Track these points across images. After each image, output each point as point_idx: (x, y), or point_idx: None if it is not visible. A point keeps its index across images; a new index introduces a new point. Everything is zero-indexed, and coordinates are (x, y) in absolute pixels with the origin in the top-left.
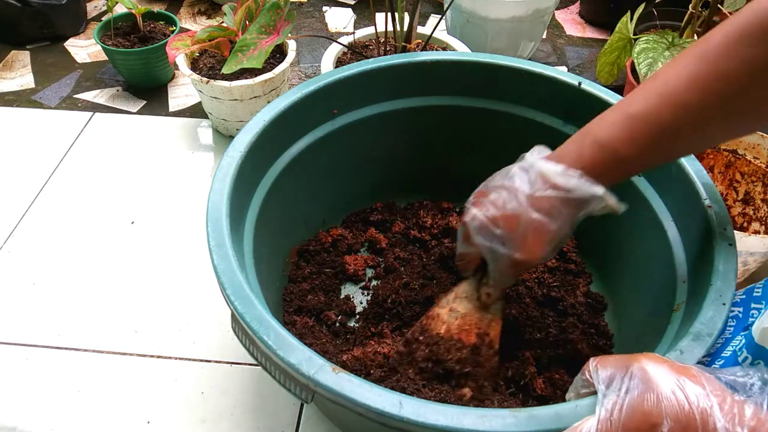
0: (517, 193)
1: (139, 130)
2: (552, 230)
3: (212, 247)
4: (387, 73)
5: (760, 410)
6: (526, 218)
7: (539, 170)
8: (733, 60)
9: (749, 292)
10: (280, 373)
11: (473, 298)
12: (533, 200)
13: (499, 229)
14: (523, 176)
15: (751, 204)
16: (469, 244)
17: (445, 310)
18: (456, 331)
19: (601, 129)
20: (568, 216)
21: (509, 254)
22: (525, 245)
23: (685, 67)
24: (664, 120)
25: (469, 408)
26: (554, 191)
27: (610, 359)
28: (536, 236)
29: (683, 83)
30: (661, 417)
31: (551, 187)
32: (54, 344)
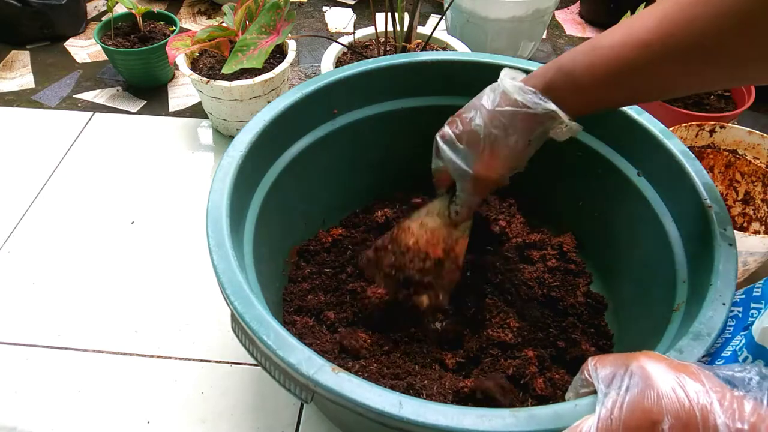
0: (481, 109)
1: (139, 130)
2: (508, 145)
3: (212, 247)
4: (387, 73)
5: (760, 405)
6: (484, 133)
7: (502, 88)
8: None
9: (749, 292)
10: (279, 373)
11: (444, 215)
12: (493, 115)
13: (462, 144)
14: (490, 95)
15: (751, 204)
16: (440, 159)
17: (416, 224)
18: (424, 244)
19: (567, 56)
20: (524, 131)
21: (469, 169)
22: (483, 160)
23: (657, 8)
24: (623, 54)
25: (469, 408)
26: (512, 107)
27: (609, 358)
28: (493, 151)
29: (650, 22)
30: (661, 414)
31: (510, 104)
32: (54, 344)
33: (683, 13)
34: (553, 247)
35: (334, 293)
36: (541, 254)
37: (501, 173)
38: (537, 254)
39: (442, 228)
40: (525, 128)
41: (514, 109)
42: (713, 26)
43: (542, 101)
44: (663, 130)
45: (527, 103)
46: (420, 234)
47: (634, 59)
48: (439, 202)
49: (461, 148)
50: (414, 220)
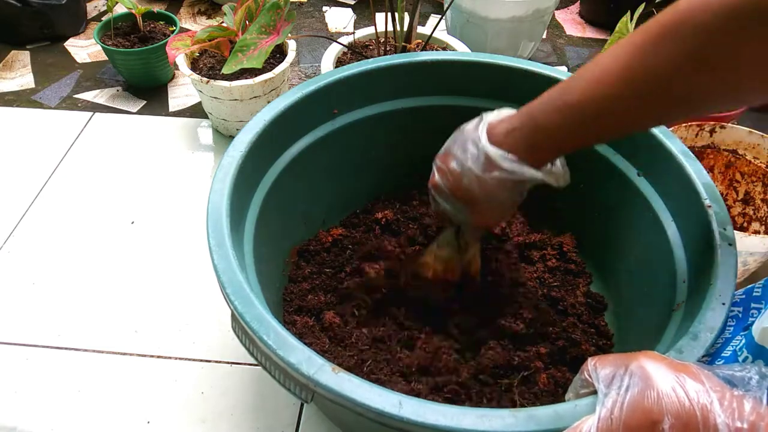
0: (469, 172)
1: (139, 130)
2: (501, 202)
3: (212, 246)
4: (387, 73)
5: (759, 404)
6: (476, 195)
7: (485, 152)
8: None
9: (749, 292)
10: (279, 373)
11: (454, 244)
12: (481, 180)
13: (456, 198)
14: (474, 153)
15: (751, 204)
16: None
17: (431, 257)
18: (442, 272)
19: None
20: (513, 191)
21: (467, 219)
22: (478, 214)
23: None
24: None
25: (468, 408)
26: (499, 173)
27: (609, 358)
28: (487, 208)
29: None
30: (661, 414)
31: (496, 170)
32: (54, 344)
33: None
34: (553, 247)
35: (334, 293)
36: (541, 254)
37: (498, 222)
38: (537, 254)
39: (455, 255)
40: (514, 189)
41: (501, 174)
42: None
43: (528, 169)
44: (663, 130)
45: (513, 170)
46: (436, 266)
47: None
48: (447, 233)
49: (455, 202)
50: (428, 255)
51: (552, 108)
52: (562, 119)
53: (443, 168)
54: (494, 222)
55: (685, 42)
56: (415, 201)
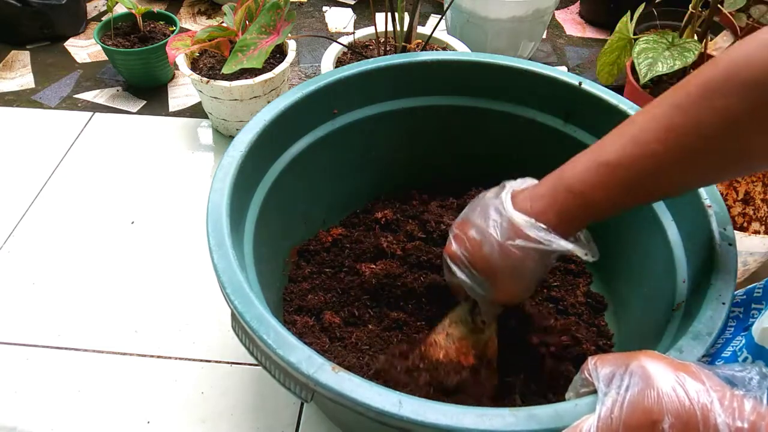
0: (491, 239)
1: (139, 130)
2: (524, 276)
3: (212, 246)
4: (387, 73)
5: (760, 404)
6: (498, 265)
7: (510, 219)
8: (708, 111)
9: (749, 293)
10: (279, 372)
11: (468, 321)
12: (504, 249)
13: (475, 270)
14: (497, 220)
15: (751, 204)
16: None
17: (442, 336)
18: (454, 354)
19: (575, 176)
20: (539, 262)
21: (488, 295)
22: (500, 289)
23: (661, 116)
24: (637, 168)
25: (468, 407)
26: (524, 242)
27: (610, 357)
28: (509, 281)
29: (657, 133)
30: (662, 413)
31: (521, 238)
32: (54, 344)
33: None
34: None
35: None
36: None
37: (521, 297)
38: None
39: (469, 335)
40: (540, 261)
41: (527, 243)
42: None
43: (556, 239)
44: None
45: (541, 240)
46: (448, 346)
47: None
48: (460, 309)
49: (475, 274)
50: (439, 333)
51: (586, 169)
52: (598, 180)
53: (461, 236)
54: (516, 298)
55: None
56: (415, 201)
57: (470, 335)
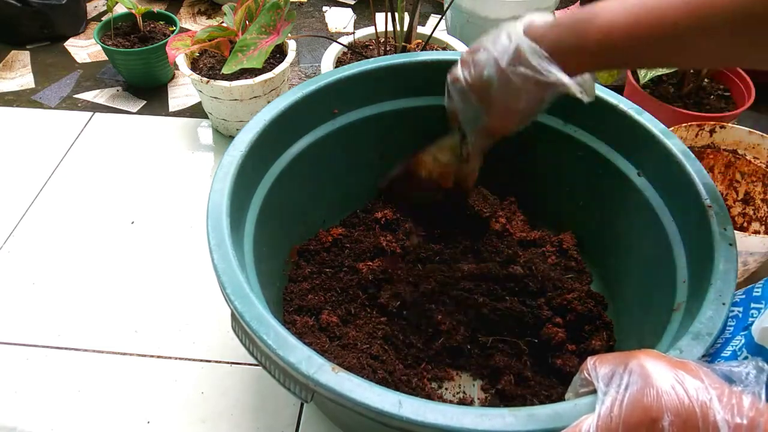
0: (495, 62)
1: (139, 130)
2: (519, 105)
3: (212, 246)
4: (387, 73)
5: (758, 400)
6: (495, 90)
7: (518, 45)
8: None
9: (749, 292)
10: (279, 373)
11: (456, 150)
12: (505, 75)
13: (473, 94)
14: (505, 44)
15: (751, 204)
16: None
17: (429, 157)
18: (436, 176)
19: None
20: (535, 94)
21: (479, 122)
22: (493, 115)
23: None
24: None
25: (468, 407)
26: (525, 69)
27: (609, 357)
28: (503, 109)
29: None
30: (661, 411)
31: (523, 65)
32: (54, 344)
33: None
34: (553, 244)
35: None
36: (541, 251)
37: (511, 128)
38: (537, 251)
39: (453, 162)
40: (537, 92)
41: (527, 72)
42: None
43: (555, 70)
44: (663, 130)
45: (540, 69)
46: (433, 167)
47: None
48: (451, 137)
49: (472, 99)
50: (428, 154)
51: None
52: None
53: (467, 59)
54: (507, 128)
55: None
56: None
57: (455, 163)
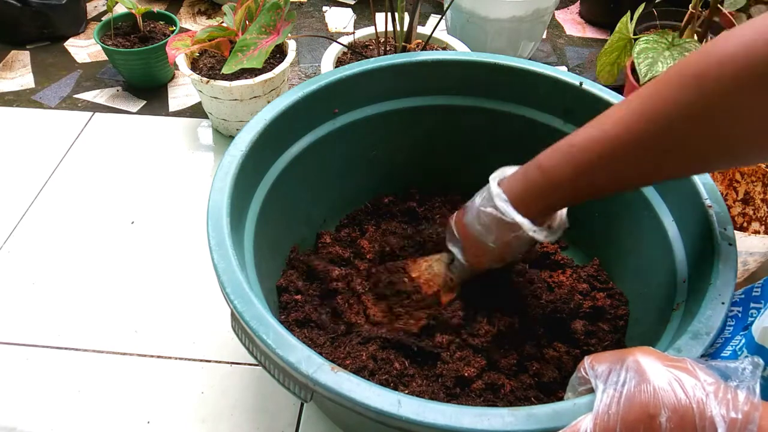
0: (473, 206)
1: (139, 130)
2: (488, 243)
3: (212, 246)
4: (387, 73)
5: (753, 394)
6: (471, 228)
7: (489, 190)
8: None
9: (748, 292)
10: (279, 372)
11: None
12: (477, 214)
13: (457, 234)
14: (484, 192)
15: (751, 204)
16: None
17: (425, 264)
18: (423, 280)
19: (545, 156)
20: (502, 234)
21: (461, 258)
22: (469, 251)
23: (628, 104)
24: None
25: (468, 407)
26: (491, 209)
27: (605, 355)
28: (476, 246)
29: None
30: (658, 407)
31: (491, 206)
32: (54, 344)
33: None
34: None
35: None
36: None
37: (485, 265)
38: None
39: (441, 276)
40: (500, 232)
41: (492, 212)
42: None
43: (511, 211)
44: None
45: (500, 209)
46: (423, 272)
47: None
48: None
49: (456, 237)
50: (425, 260)
51: (555, 150)
52: (562, 160)
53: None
54: (480, 265)
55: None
56: (415, 200)
57: (443, 277)
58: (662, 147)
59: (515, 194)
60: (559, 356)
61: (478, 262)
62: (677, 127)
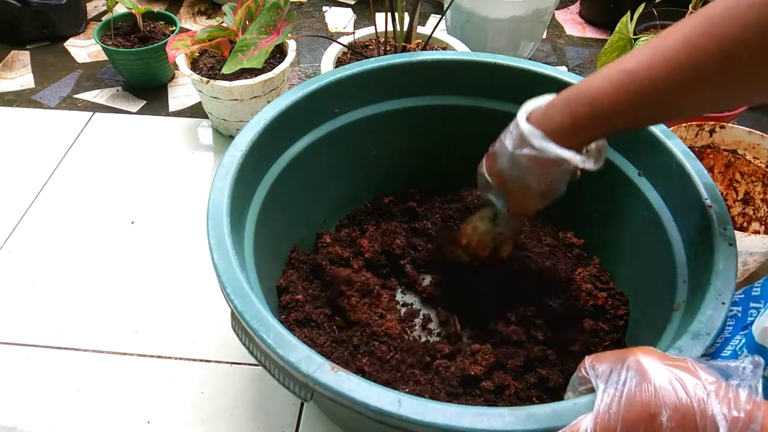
0: (504, 150)
1: (139, 130)
2: (531, 185)
3: (212, 245)
4: (387, 73)
5: (754, 393)
6: (508, 174)
7: (520, 130)
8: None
9: (748, 292)
10: (279, 372)
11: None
12: (514, 158)
13: (492, 183)
14: (513, 132)
15: (751, 204)
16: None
17: (470, 227)
18: (475, 244)
19: (591, 84)
20: (543, 172)
21: (503, 208)
22: (512, 200)
23: (683, 28)
24: (653, 75)
25: (467, 407)
26: (529, 149)
27: (606, 355)
28: (520, 191)
29: (678, 43)
30: (659, 407)
31: (527, 146)
32: (54, 344)
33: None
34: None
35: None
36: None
37: (533, 208)
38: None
39: (491, 231)
40: (542, 171)
41: (530, 152)
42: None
43: (555, 147)
44: (664, 130)
45: (540, 148)
46: (472, 236)
47: (664, 79)
48: (489, 210)
49: (492, 187)
50: (468, 223)
51: (604, 77)
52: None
53: (488, 153)
54: (527, 208)
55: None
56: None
57: (492, 232)
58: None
59: (555, 128)
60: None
61: (524, 208)
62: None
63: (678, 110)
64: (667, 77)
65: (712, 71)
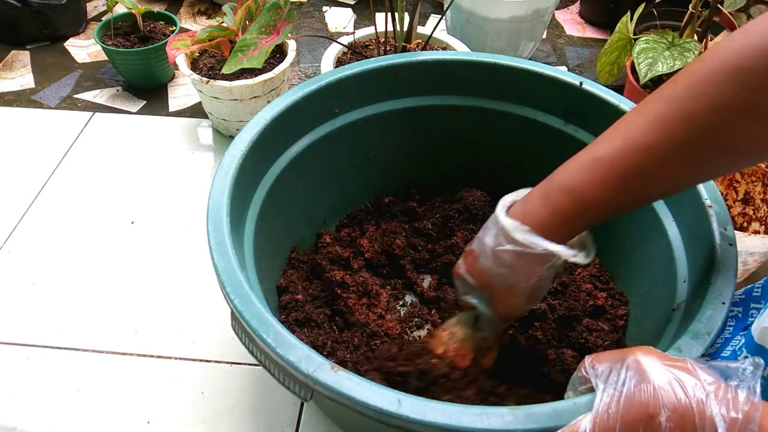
0: (485, 248)
1: (139, 130)
2: (518, 284)
3: (212, 245)
4: (387, 73)
5: (753, 394)
6: (491, 273)
7: (500, 225)
8: (696, 101)
9: (748, 292)
10: (279, 371)
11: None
12: (496, 255)
13: (474, 284)
14: (491, 229)
15: (751, 204)
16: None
17: (447, 333)
18: (452, 353)
19: (567, 175)
20: (530, 269)
21: (488, 310)
22: (497, 300)
23: (651, 109)
24: (628, 162)
25: (467, 406)
26: (512, 246)
27: (606, 354)
28: (506, 291)
29: (647, 125)
30: (658, 407)
31: (510, 242)
32: (54, 344)
33: (678, 110)
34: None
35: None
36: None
37: (522, 308)
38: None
39: (471, 338)
40: (530, 267)
41: (515, 249)
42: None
43: (540, 241)
44: None
45: (526, 243)
46: (449, 344)
47: (639, 164)
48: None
49: (475, 288)
50: (444, 329)
51: (580, 167)
52: (592, 176)
53: (466, 251)
54: (514, 309)
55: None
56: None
57: (473, 339)
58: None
59: (537, 222)
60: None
61: (511, 310)
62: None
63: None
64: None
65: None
